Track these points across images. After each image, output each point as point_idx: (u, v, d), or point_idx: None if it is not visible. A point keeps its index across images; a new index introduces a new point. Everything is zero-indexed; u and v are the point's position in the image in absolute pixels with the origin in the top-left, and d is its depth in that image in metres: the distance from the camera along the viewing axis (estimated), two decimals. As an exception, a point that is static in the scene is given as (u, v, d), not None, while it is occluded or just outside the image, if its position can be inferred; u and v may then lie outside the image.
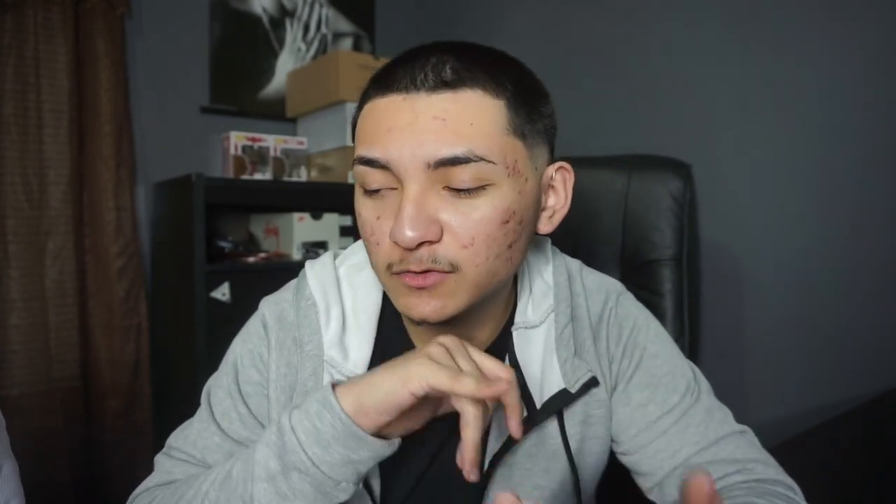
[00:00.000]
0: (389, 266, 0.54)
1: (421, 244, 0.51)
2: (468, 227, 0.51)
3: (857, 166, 1.24)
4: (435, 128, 0.50)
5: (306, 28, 2.22)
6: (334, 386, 0.50)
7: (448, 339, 0.51)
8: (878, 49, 1.21)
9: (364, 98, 0.56)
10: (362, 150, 0.53)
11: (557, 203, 0.59)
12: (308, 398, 0.51)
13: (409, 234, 0.50)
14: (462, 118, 0.50)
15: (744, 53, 1.41)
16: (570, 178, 0.60)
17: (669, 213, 0.94)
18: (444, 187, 0.51)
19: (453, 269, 0.52)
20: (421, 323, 0.55)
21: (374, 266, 0.57)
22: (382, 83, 0.54)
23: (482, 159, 0.50)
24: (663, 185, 0.95)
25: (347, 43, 2.32)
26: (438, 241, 0.51)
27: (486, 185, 0.51)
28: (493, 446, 0.60)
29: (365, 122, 0.54)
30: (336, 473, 0.49)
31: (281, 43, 2.16)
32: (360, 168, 0.54)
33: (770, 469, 0.60)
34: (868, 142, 1.23)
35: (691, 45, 1.51)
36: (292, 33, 2.18)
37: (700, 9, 1.49)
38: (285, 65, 2.16)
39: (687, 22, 1.51)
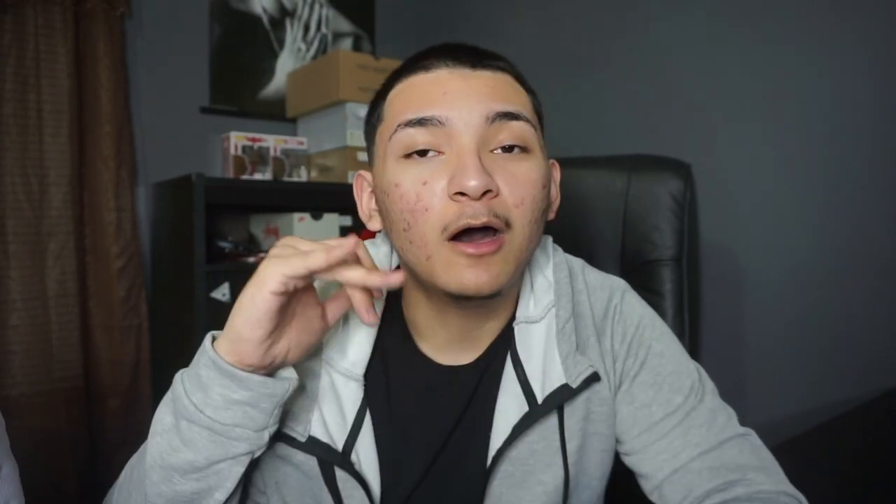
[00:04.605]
0: (445, 228, 0.53)
1: (483, 195, 0.52)
2: (518, 187, 0.54)
3: (857, 166, 1.24)
4: (487, 91, 0.56)
5: (306, 28, 2.22)
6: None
7: (284, 238, 0.52)
8: (879, 48, 1.21)
9: (394, 80, 0.60)
10: (410, 114, 0.55)
11: (554, 194, 0.64)
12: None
13: (475, 182, 0.51)
14: (505, 90, 0.57)
15: (744, 53, 1.41)
16: (559, 174, 0.65)
17: (669, 213, 0.94)
18: (491, 150, 0.55)
19: (508, 226, 0.54)
20: (472, 298, 0.55)
21: (414, 241, 0.55)
22: (419, 65, 0.58)
23: (528, 121, 0.56)
24: (663, 185, 0.95)
25: (347, 43, 2.32)
26: (497, 194, 0.53)
27: (527, 150, 0.56)
28: (496, 441, 0.59)
29: (407, 94, 0.57)
30: (222, 417, 0.49)
31: (281, 43, 2.16)
32: (408, 131, 0.55)
33: (772, 478, 0.58)
34: (868, 142, 1.23)
35: (691, 45, 1.51)
36: (292, 33, 2.18)
37: (700, 9, 1.49)
38: (285, 65, 2.16)
39: (686, 22, 1.51)
